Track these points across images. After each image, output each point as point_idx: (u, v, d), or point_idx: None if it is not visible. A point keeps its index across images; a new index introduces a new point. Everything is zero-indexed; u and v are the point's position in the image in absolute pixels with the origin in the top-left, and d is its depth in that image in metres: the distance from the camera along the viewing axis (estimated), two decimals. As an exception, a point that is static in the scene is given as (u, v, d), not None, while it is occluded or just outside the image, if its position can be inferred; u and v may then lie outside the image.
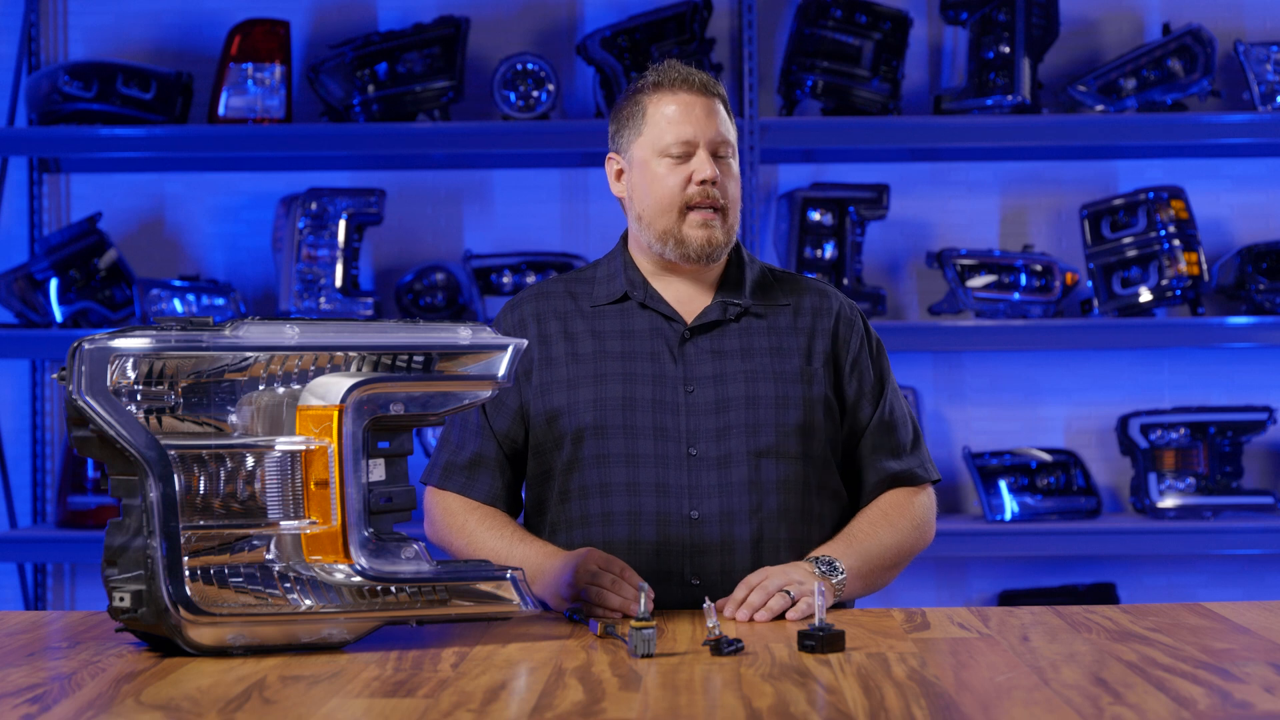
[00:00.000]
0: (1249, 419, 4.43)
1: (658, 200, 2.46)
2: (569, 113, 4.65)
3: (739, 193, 2.51)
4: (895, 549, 2.47)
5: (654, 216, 2.47)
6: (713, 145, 2.45)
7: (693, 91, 2.46)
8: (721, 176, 2.45)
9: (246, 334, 2.02)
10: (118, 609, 1.99)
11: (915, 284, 4.63)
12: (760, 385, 2.45)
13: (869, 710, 1.67)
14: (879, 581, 2.47)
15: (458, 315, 4.49)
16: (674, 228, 2.45)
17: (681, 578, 2.40)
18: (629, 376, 2.46)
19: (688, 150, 2.45)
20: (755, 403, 2.44)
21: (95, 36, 4.69)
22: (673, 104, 2.46)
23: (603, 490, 2.44)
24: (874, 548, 2.44)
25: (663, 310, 2.50)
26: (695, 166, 2.44)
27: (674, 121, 2.45)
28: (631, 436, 2.44)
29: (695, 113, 2.45)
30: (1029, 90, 4.41)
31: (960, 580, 4.61)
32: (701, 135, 2.45)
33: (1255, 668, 1.87)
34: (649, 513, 2.42)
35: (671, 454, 2.43)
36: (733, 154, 2.49)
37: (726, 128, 2.48)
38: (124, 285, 4.47)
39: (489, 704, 1.73)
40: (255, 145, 4.43)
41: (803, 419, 2.45)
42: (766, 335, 2.50)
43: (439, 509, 2.53)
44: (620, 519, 2.42)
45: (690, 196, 2.44)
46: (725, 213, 2.46)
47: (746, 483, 2.42)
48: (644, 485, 2.43)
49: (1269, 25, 4.65)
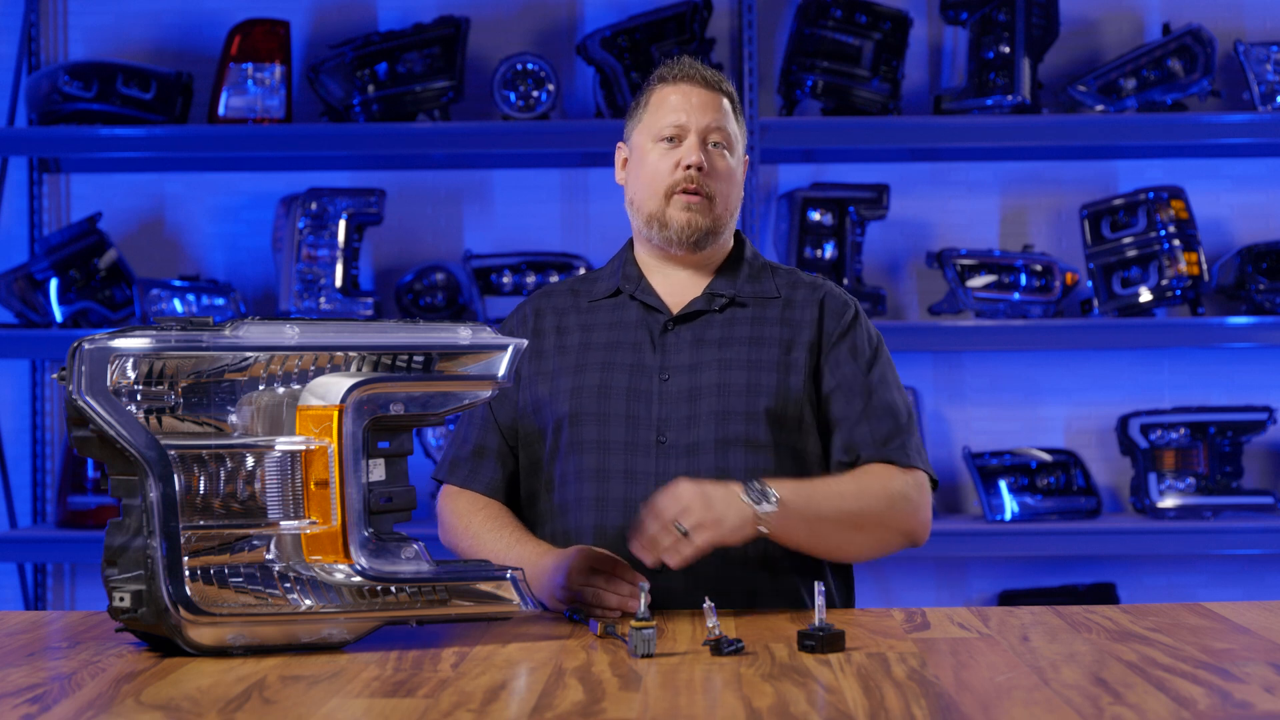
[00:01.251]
0: (1249, 419, 4.42)
1: (646, 183, 2.50)
2: (569, 113, 4.65)
3: (733, 188, 2.51)
4: (856, 510, 2.36)
5: (643, 199, 2.51)
6: (705, 133, 2.48)
7: (695, 84, 2.51)
8: (711, 166, 2.47)
9: (246, 334, 2.02)
10: (118, 609, 1.99)
11: (915, 284, 4.63)
12: (733, 373, 2.45)
13: (869, 710, 1.67)
14: (829, 537, 2.36)
15: (458, 315, 4.49)
16: (660, 211, 2.48)
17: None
18: (607, 365, 2.49)
19: (679, 135, 2.48)
20: (726, 390, 2.44)
21: (95, 36, 4.69)
22: (673, 94, 2.51)
23: (577, 476, 2.46)
24: (828, 498, 2.34)
25: (650, 301, 2.52)
26: (683, 151, 2.47)
27: (670, 108, 2.50)
28: (604, 423, 2.45)
29: (692, 101, 2.49)
30: (1029, 90, 4.41)
31: (960, 580, 4.61)
32: (694, 122, 2.48)
33: (1255, 668, 1.87)
34: (616, 499, 2.43)
35: (641, 441, 2.44)
36: (729, 148, 2.50)
37: (725, 120, 2.50)
38: (124, 285, 4.47)
39: (489, 704, 1.73)
40: (255, 145, 4.43)
41: (774, 407, 2.44)
42: (749, 325, 2.50)
43: (448, 511, 2.54)
44: (588, 505, 2.43)
45: (676, 180, 2.47)
46: (712, 201, 2.47)
47: (713, 470, 2.40)
48: (613, 472, 2.44)
49: (1269, 25, 4.65)
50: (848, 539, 2.39)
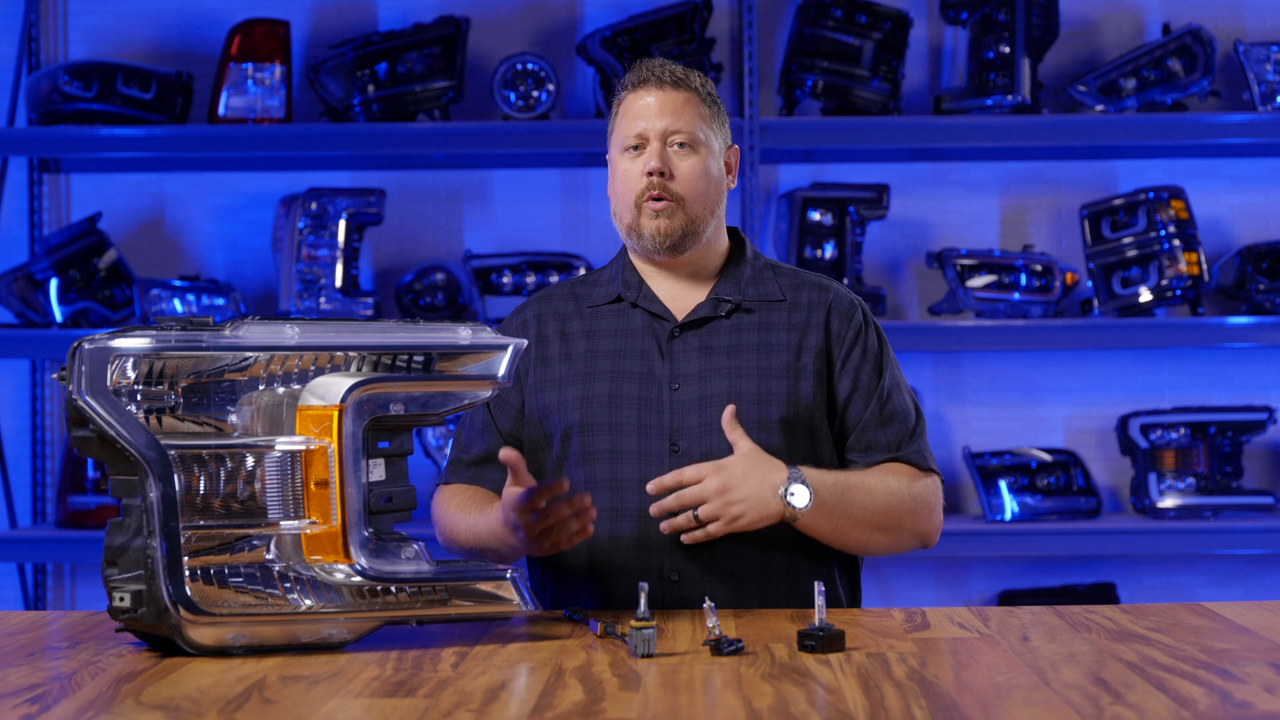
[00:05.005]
0: (1249, 419, 4.42)
1: (619, 195, 2.50)
2: (569, 113, 4.65)
3: (709, 185, 2.48)
4: (882, 509, 2.39)
5: (620, 210, 2.51)
6: (664, 136, 2.46)
7: (654, 86, 2.48)
8: (675, 168, 2.45)
9: (246, 334, 2.02)
10: (118, 609, 1.99)
11: (915, 284, 4.63)
12: (743, 381, 2.45)
13: (869, 710, 1.67)
14: (850, 534, 2.38)
15: (458, 315, 4.49)
16: (634, 221, 2.48)
17: (661, 573, 2.40)
18: (617, 374, 2.47)
19: (640, 143, 2.47)
20: (737, 399, 2.43)
21: (95, 36, 4.69)
22: (635, 100, 2.50)
23: (588, 486, 2.44)
24: (858, 495, 2.37)
25: (653, 309, 2.51)
26: (645, 158, 2.46)
27: (632, 116, 2.49)
28: (616, 433, 2.45)
29: (651, 106, 2.47)
30: (1029, 90, 4.41)
31: (960, 580, 4.61)
32: (652, 128, 2.46)
33: (1255, 668, 1.87)
34: (631, 509, 2.42)
35: (655, 451, 2.43)
36: (694, 145, 2.47)
37: (686, 119, 2.47)
38: (124, 285, 4.47)
39: (489, 704, 1.73)
40: (255, 145, 4.43)
41: (786, 415, 2.44)
42: (756, 331, 2.49)
43: (439, 507, 2.54)
44: (603, 515, 2.43)
45: (642, 188, 2.46)
46: (681, 203, 2.46)
47: None
48: (627, 482, 2.43)
49: (1269, 25, 4.65)
50: (869, 537, 2.42)
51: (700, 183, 2.47)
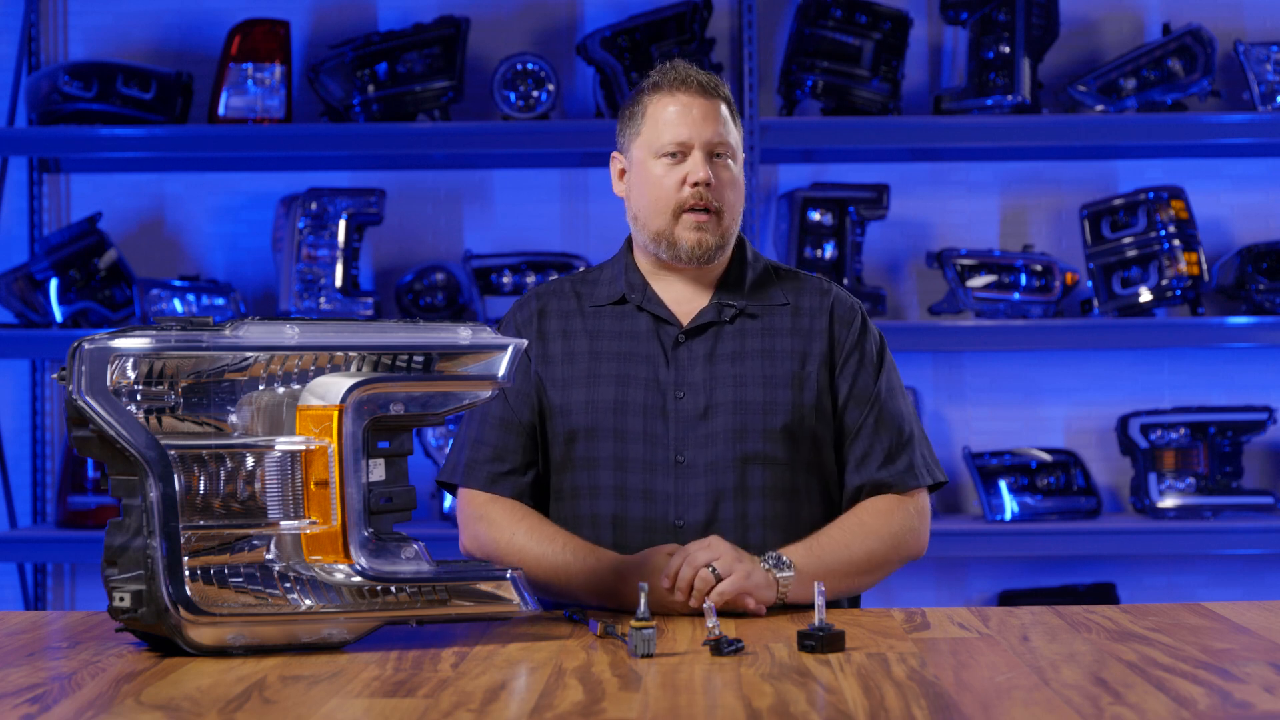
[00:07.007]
0: (1249, 419, 4.42)
1: (652, 201, 2.45)
2: (569, 113, 4.65)
3: (739, 196, 2.48)
4: (865, 559, 2.41)
5: (649, 217, 2.46)
6: (709, 147, 2.44)
7: (692, 92, 2.45)
8: (717, 179, 2.43)
9: (246, 334, 2.02)
10: (118, 609, 1.99)
11: (915, 284, 4.63)
12: (748, 390, 2.44)
13: (869, 710, 1.67)
14: (838, 585, 2.38)
15: (458, 315, 4.49)
16: (667, 229, 2.45)
17: None
18: (622, 379, 2.46)
19: (683, 151, 2.43)
20: (742, 408, 2.42)
21: (95, 36, 4.69)
22: (671, 105, 2.45)
23: (591, 493, 2.44)
24: (839, 554, 2.38)
25: (659, 313, 2.49)
26: (689, 168, 2.43)
27: (670, 122, 2.44)
28: (621, 440, 2.43)
29: (693, 114, 2.44)
30: (1029, 90, 4.41)
31: (960, 580, 4.61)
32: (697, 137, 2.43)
33: (1255, 668, 1.87)
34: (635, 518, 2.42)
35: (660, 460, 2.42)
36: (732, 156, 2.46)
37: (726, 129, 2.45)
38: (124, 285, 4.47)
39: (489, 704, 1.73)
40: (255, 145, 4.43)
41: (790, 424, 2.43)
42: (760, 337, 2.48)
43: (479, 522, 2.46)
44: (606, 523, 2.42)
45: (684, 199, 2.43)
46: (720, 215, 2.44)
47: (732, 489, 2.41)
48: (631, 490, 2.42)
49: (1269, 25, 4.65)
50: (856, 582, 2.45)
51: (735, 193, 2.47)
